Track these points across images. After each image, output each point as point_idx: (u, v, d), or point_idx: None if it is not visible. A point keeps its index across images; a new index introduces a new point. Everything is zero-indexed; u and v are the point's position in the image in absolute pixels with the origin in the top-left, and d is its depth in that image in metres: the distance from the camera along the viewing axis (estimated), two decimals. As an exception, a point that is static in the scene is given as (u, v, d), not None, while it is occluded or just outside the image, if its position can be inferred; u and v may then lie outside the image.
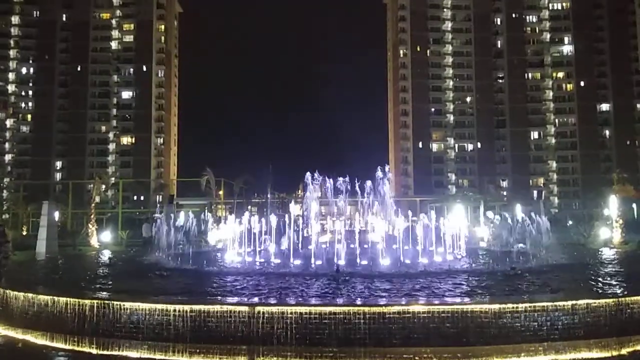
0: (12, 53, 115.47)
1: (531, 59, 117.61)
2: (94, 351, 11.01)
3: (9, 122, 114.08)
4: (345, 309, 10.24)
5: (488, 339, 9.95)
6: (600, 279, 14.19)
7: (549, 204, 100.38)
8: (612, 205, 30.29)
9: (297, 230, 22.87)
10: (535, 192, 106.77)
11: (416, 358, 9.73)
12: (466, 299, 11.25)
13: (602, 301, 10.69)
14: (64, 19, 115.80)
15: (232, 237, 23.68)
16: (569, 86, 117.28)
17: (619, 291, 11.92)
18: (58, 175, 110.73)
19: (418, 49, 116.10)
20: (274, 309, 10.40)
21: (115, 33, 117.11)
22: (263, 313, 10.35)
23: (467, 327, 9.98)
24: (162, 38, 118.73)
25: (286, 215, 23.10)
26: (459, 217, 24.75)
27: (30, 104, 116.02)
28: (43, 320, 12.07)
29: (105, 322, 11.17)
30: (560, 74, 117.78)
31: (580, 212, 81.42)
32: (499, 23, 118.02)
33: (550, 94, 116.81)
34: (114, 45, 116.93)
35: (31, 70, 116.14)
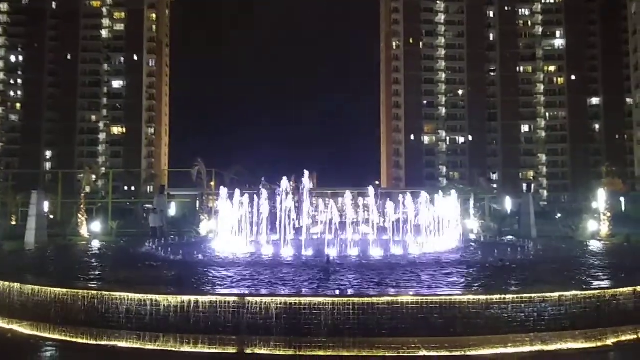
0: (0, 40, 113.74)
1: (523, 52, 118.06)
2: (83, 341, 10.98)
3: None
4: (335, 299, 10.30)
5: (475, 330, 10.07)
6: (586, 271, 14.37)
7: (539, 197, 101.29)
8: (601, 199, 30.59)
9: (289, 221, 22.88)
10: (525, 185, 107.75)
11: (404, 348, 9.82)
12: (454, 290, 11.34)
13: (588, 293, 10.85)
14: (54, 6, 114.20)
15: (222, 226, 23.66)
16: (560, 80, 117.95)
17: (604, 283, 12.08)
18: (47, 165, 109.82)
19: (411, 41, 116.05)
20: (264, 299, 10.43)
21: (105, 21, 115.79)
22: (252, 303, 10.38)
23: (454, 318, 10.09)
24: (154, 27, 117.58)
25: (277, 206, 23.08)
26: (449, 206, 24.85)
27: (19, 92, 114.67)
28: (31, 310, 12.02)
29: (94, 312, 11.15)
30: (552, 68, 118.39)
31: (569, 205, 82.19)
32: (491, 16, 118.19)
33: (541, 87, 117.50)
34: (104, 33, 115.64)
35: (20, 58, 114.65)
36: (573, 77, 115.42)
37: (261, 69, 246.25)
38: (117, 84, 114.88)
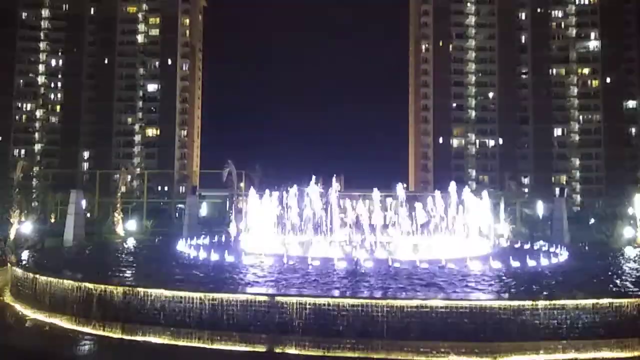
0: (42, 45, 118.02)
1: (556, 54, 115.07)
2: (119, 336, 11.31)
3: (39, 113, 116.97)
4: (364, 301, 10.36)
5: (506, 335, 9.96)
6: (622, 279, 14.01)
7: (572, 202, 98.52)
8: (637, 204, 29.64)
9: (318, 223, 23.04)
10: (557, 190, 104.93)
11: (433, 352, 9.80)
12: (485, 295, 11.24)
13: (624, 301, 10.57)
14: (92, 12, 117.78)
15: (252, 226, 23.99)
16: (595, 82, 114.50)
17: (641, 291, 11.77)
18: (85, 165, 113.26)
19: (440, 43, 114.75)
20: (293, 299, 10.57)
21: (141, 27, 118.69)
22: (282, 303, 10.54)
23: (485, 323, 10.01)
24: (187, 32, 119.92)
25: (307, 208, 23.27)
26: (481, 209, 24.44)
27: (59, 95, 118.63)
28: (70, 305, 12.45)
29: (130, 308, 11.50)
30: (586, 70, 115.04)
31: (603, 211, 79.76)
32: (523, 18, 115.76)
33: (575, 90, 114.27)
34: (140, 38, 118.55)
35: (60, 62, 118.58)
36: (608, 80, 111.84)
37: (290, 71, 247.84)
38: (152, 87, 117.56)
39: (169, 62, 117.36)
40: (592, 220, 52.57)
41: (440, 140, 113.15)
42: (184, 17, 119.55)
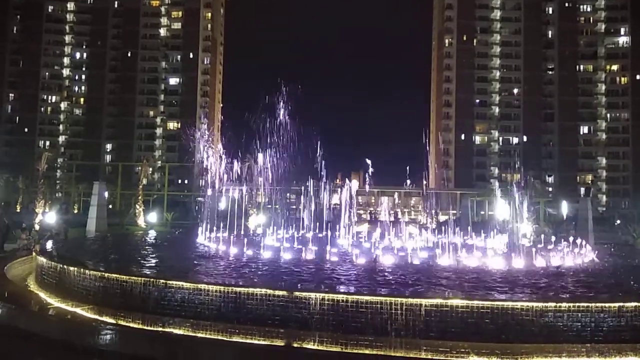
0: (67, 38, 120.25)
1: (583, 50, 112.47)
2: (140, 327, 11.45)
3: (63, 105, 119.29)
4: (383, 298, 10.26)
5: (528, 337, 9.79)
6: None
7: (597, 202, 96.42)
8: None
9: (336, 219, 23.01)
10: (582, 189, 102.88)
11: (453, 352, 9.67)
12: (507, 296, 11.05)
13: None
14: (116, 5, 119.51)
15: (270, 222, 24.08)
16: (624, 79, 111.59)
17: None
18: (108, 157, 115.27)
19: (464, 38, 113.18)
20: (312, 294, 10.54)
21: (164, 20, 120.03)
22: (301, 298, 10.52)
23: (507, 324, 9.84)
24: (209, 26, 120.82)
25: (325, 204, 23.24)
26: (502, 209, 24.14)
27: (83, 87, 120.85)
28: (92, 295, 12.67)
29: (151, 299, 11.63)
30: (615, 67, 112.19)
31: (630, 212, 77.84)
32: (550, 12, 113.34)
33: (602, 87, 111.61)
34: (162, 32, 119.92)
35: (84, 55, 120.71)
36: (638, 77, 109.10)
37: (309, 67, 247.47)
38: (173, 81, 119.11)
39: (191, 55, 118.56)
40: (618, 221, 51.38)
41: (463, 136, 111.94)
42: (206, 10, 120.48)
